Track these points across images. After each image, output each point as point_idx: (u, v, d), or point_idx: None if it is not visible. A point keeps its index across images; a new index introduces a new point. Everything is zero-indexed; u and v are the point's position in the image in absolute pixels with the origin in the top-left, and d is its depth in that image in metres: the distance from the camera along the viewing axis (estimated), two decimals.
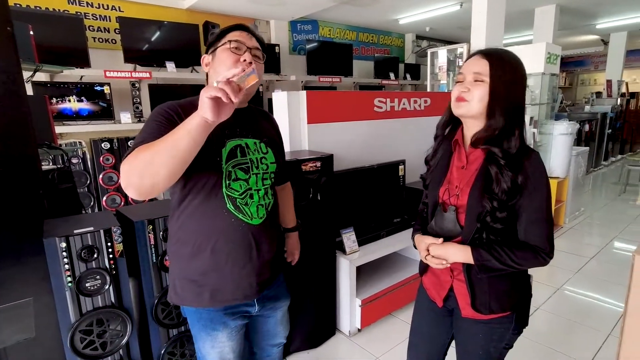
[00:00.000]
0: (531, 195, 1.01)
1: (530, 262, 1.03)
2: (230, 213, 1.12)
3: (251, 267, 1.17)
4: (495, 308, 1.10)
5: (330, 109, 2.51)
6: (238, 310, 1.22)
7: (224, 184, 1.11)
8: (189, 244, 1.14)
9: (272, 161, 1.23)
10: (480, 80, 1.03)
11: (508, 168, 1.00)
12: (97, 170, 3.78)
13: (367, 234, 2.55)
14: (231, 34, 1.15)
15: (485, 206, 1.03)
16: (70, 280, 1.38)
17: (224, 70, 1.06)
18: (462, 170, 1.12)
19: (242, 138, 1.17)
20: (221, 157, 1.10)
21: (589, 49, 10.20)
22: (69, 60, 3.52)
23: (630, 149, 8.80)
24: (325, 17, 6.30)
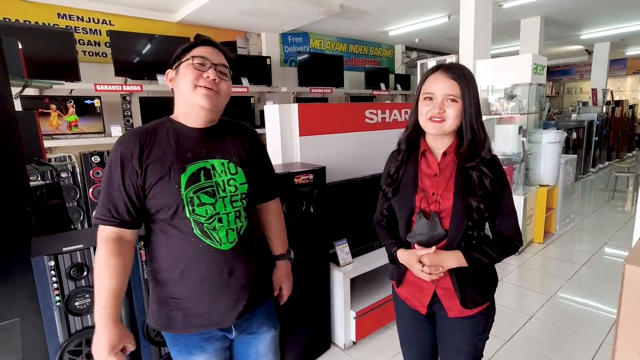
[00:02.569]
0: (502, 192, 1.16)
1: (509, 251, 1.18)
2: (198, 238, 1.09)
3: (224, 294, 1.13)
4: (479, 300, 1.21)
5: (321, 121, 2.52)
6: (214, 335, 1.18)
7: (188, 210, 1.07)
8: (159, 270, 1.13)
9: (242, 182, 1.16)
10: (454, 100, 1.11)
11: (487, 171, 1.13)
12: (87, 184, 3.73)
13: (361, 245, 2.54)
14: (196, 49, 1.11)
15: (472, 204, 1.12)
16: (59, 299, 1.35)
17: (186, 86, 1.07)
18: (436, 178, 1.19)
19: (206, 159, 1.12)
20: (179, 185, 1.06)
21: (574, 58, 10.45)
22: (59, 74, 3.51)
23: (617, 156, 8.96)
24: (315, 29, 6.37)
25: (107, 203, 1.05)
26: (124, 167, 1.04)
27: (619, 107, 8.68)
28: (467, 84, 1.11)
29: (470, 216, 1.13)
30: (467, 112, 1.12)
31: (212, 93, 1.08)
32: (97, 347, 1.01)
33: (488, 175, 1.13)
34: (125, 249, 1.07)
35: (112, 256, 1.04)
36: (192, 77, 1.07)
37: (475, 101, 1.12)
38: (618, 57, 10.71)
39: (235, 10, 4.49)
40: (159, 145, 1.08)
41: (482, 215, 1.14)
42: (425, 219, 1.18)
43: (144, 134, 1.08)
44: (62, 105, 3.61)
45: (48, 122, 3.54)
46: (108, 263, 1.03)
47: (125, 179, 1.04)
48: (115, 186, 1.04)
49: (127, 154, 1.05)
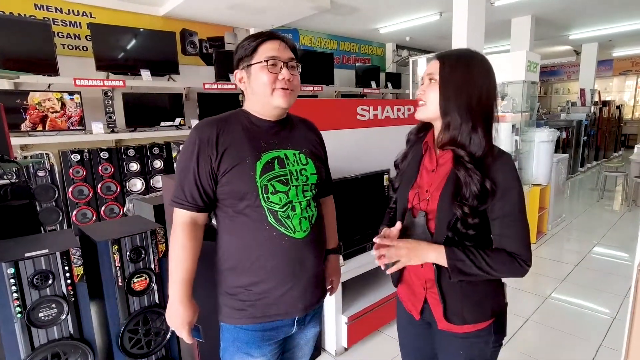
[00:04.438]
0: (503, 200, 0.97)
1: (507, 268, 0.97)
2: (272, 227, 1.09)
3: (295, 284, 1.13)
4: (469, 318, 1.05)
5: (312, 118, 2.37)
6: (277, 331, 1.16)
7: (262, 198, 1.08)
8: (229, 259, 1.12)
9: (312, 172, 1.18)
10: (433, 79, 1.02)
11: (476, 170, 0.96)
12: (67, 184, 3.56)
13: (352, 247, 2.44)
14: (265, 47, 1.09)
15: (456, 213, 0.97)
16: (20, 310, 1.22)
17: (263, 90, 1.09)
18: (432, 174, 1.07)
19: (279, 149, 1.13)
20: (254, 172, 1.07)
21: (562, 59, 10.53)
22: (35, 68, 3.33)
23: (604, 156, 9.05)
24: (306, 26, 6.26)
25: (183, 188, 1.07)
26: (200, 153, 1.05)
27: (606, 107, 8.76)
28: (452, 64, 1.00)
29: (453, 226, 0.99)
30: (444, 94, 0.99)
31: (289, 92, 1.11)
32: (174, 319, 1.09)
33: (475, 176, 0.95)
34: (199, 233, 1.12)
35: (188, 240, 1.08)
36: (269, 81, 1.08)
37: (460, 81, 0.98)
38: (605, 58, 10.84)
39: (223, 4, 4.35)
40: (234, 133, 1.09)
41: (470, 226, 0.97)
42: (412, 218, 1.08)
43: (220, 122, 1.10)
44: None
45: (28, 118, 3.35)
46: (186, 245, 1.08)
47: (201, 165, 1.06)
48: (191, 171, 1.06)
49: (204, 140, 1.06)
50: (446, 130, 1.01)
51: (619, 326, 2.45)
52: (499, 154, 0.99)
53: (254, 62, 1.09)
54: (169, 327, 1.52)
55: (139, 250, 1.48)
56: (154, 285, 1.54)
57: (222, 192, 1.08)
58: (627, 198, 5.51)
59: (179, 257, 1.07)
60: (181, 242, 1.07)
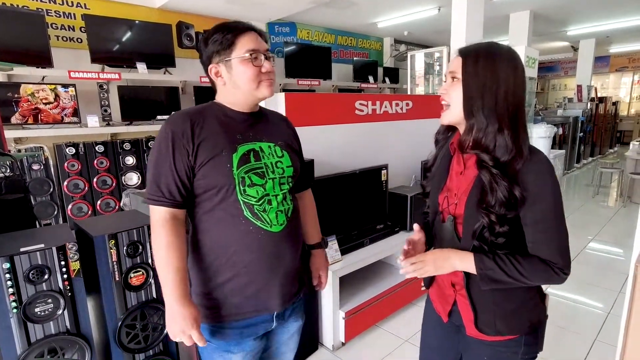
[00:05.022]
0: (534, 206, 0.89)
1: (540, 275, 0.91)
2: (248, 220, 1.07)
3: (273, 278, 1.12)
4: (502, 329, 0.99)
5: (310, 112, 2.40)
6: (256, 327, 1.14)
7: (239, 191, 1.06)
8: (205, 256, 1.10)
9: (288, 165, 1.17)
10: (456, 77, 0.95)
11: (503, 177, 0.89)
12: (62, 177, 3.52)
13: (350, 242, 2.44)
14: (244, 40, 1.06)
15: (482, 220, 0.91)
16: (16, 305, 1.21)
17: (248, 84, 1.07)
18: (461, 176, 1.02)
19: (255, 142, 1.12)
20: (232, 164, 1.05)
21: (560, 55, 10.54)
22: (28, 59, 3.28)
23: (600, 152, 9.10)
24: (303, 20, 6.21)
25: (158, 183, 1.03)
26: (175, 146, 1.02)
27: (602, 103, 8.79)
28: (474, 60, 0.91)
29: (479, 235, 0.93)
30: (467, 93, 0.91)
31: (272, 83, 1.11)
32: (179, 322, 1.02)
33: (502, 182, 0.88)
34: (182, 229, 1.07)
35: (173, 237, 1.03)
36: (254, 75, 1.07)
37: (485, 79, 0.90)
38: (602, 54, 10.85)
39: None
40: (208, 125, 1.07)
41: (498, 235, 0.91)
42: (441, 223, 1.04)
43: (194, 114, 1.08)
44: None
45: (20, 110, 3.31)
46: (171, 244, 1.03)
47: (177, 158, 1.03)
48: (166, 166, 1.03)
49: (178, 133, 1.03)
50: (469, 133, 0.94)
51: (614, 321, 2.48)
52: (530, 156, 0.91)
53: (234, 57, 1.06)
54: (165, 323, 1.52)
55: (136, 245, 1.47)
56: (151, 280, 1.52)
57: (199, 186, 1.06)
58: (622, 194, 5.55)
59: (166, 258, 1.02)
60: (165, 241, 1.02)
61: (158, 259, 1.04)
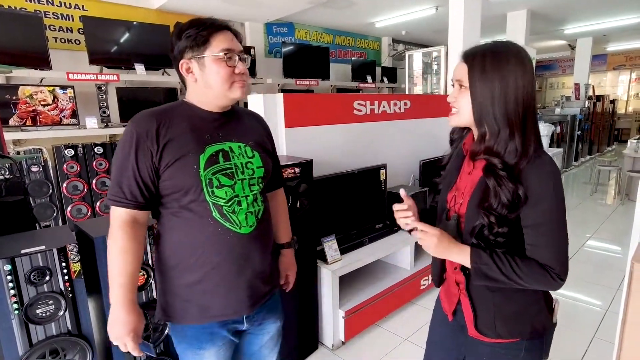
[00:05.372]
0: (535, 208, 0.88)
1: (537, 279, 0.89)
2: (217, 222, 1.05)
3: (242, 280, 1.10)
4: (503, 332, 0.98)
5: (308, 113, 2.41)
6: (226, 326, 1.14)
7: (207, 192, 1.04)
8: (173, 257, 1.08)
9: (258, 165, 1.14)
10: (463, 85, 0.93)
11: (509, 180, 0.87)
12: (61, 179, 3.53)
13: (349, 241, 2.45)
14: (218, 38, 1.04)
15: (482, 220, 0.91)
16: (17, 307, 1.22)
17: (220, 84, 1.04)
18: (469, 176, 1.02)
19: (224, 142, 1.09)
20: (198, 165, 1.03)
21: (557, 53, 10.56)
22: (26, 61, 3.28)
23: (598, 150, 9.12)
24: (301, 20, 6.22)
25: (120, 184, 1.01)
26: (139, 147, 1.00)
27: (600, 102, 8.82)
28: (481, 66, 0.89)
29: (478, 233, 0.93)
30: (477, 101, 0.90)
31: (245, 85, 1.10)
32: (116, 327, 1.02)
33: (507, 184, 0.87)
34: (140, 232, 1.05)
35: (129, 241, 1.02)
36: (227, 75, 1.05)
37: (494, 85, 0.88)
38: (599, 53, 10.88)
39: None
40: (175, 125, 1.04)
41: (498, 234, 0.90)
42: (446, 220, 1.04)
43: (160, 114, 1.05)
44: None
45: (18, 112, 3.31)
46: (126, 248, 1.01)
47: (140, 159, 1.00)
48: (129, 167, 1.00)
49: (142, 133, 1.00)
50: (481, 142, 0.92)
51: (612, 318, 2.49)
52: (535, 156, 0.89)
53: (207, 54, 1.03)
54: (167, 323, 1.53)
55: None
56: (151, 281, 1.53)
57: (165, 187, 1.03)
58: (620, 192, 5.56)
59: (119, 261, 1.01)
60: (120, 244, 1.01)
61: (112, 261, 1.02)
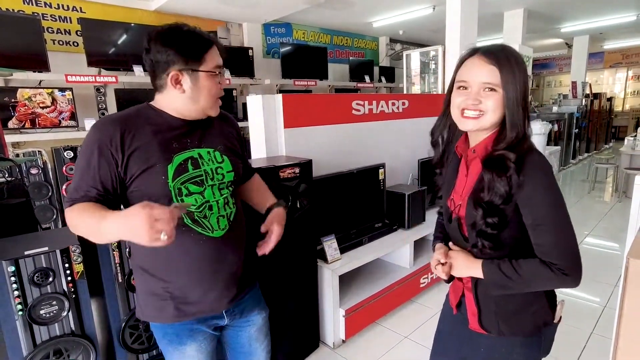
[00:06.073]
0: (531, 203, 0.89)
1: (543, 279, 0.90)
2: (189, 227, 1.05)
3: (216, 280, 1.12)
4: (505, 330, 1.01)
5: (307, 113, 2.42)
6: (206, 323, 1.16)
7: (176, 200, 1.03)
8: (147, 261, 1.08)
9: (228, 170, 1.14)
10: (493, 89, 0.91)
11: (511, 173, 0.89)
12: (60, 181, 3.53)
13: (349, 240, 2.47)
14: (212, 54, 1.04)
15: (478, 213, 0.93)
16: (21, 307, 1.23)
17: (207, 100, 1.05)
18: (465, 179, 1.03)
19: (192, 149, 1.07)
20: (167, 176, 1.01)
21: (554, 51, 10.60)
22: (25, 63, 3.28)
23: (595, 148, 9.16)
24: (299, 20, 6.23)
25: (78, 189, 0.97)
26: (101, 155, 0.96)
27: (597, 99, 8.85)
28: (511, 70, 0.89)
29: (478, 227, 0.94)
30: (512, 105, 0.89)
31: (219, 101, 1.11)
32: (135, 226, 0.82)
33: (504, 175, 0.88)
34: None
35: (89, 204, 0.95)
36: (216, 93, 1.07)
37: (522, 90, 0.90)
38: (596, 51, 10.93)
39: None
40: (141, 133, 1.01)
41: (491, 225, 0.91)
42: (449, 224, 1.07)
43: (124, 120, 1.01)
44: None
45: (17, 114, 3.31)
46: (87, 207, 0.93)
47: (102, 169, 0.96)
48: (90, 175, 0.96)
49: (105, 141, 0.96)
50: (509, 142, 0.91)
51: (610, 314, 2.52)
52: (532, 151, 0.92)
53: (202, 69, 1.02)
54: None
55: None
56: None
57: (134, 197, 1.01)
58: (617, 189, 5.59)
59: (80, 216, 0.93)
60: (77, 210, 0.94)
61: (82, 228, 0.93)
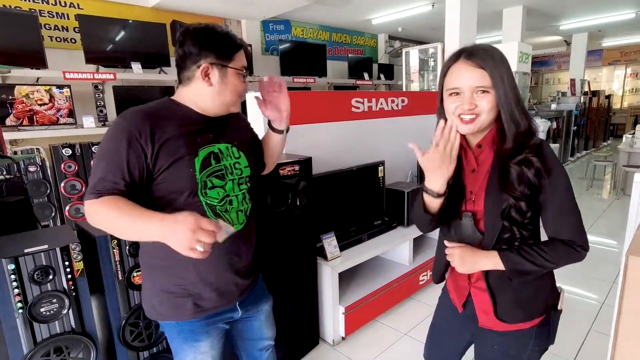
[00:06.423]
0: (555, 187, 0.94)
1: (564, 257, 0.96)
2: None
3: (233, 273, 1.16)
4: (522, 316, 1.04)
5: (307, 110, 2.42)
6: (220, 317, 1.19)
7: (201, 193, 1.07)
8: (166, 258, 1.08)
9: (245, 165, 1.18)
10: (485, 91, 0.93)
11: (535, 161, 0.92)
12: (59, 178, 3.52)
13: (348, 238, 2.47)
14: (240, 55, 1.10)
15: (509, 202, 0.94)
16: (22, 305, 1.22)
17: (232, 96, 1.10)
18: (474, 174, 1.03)
19: (214, 144, 1.12)
20: (194, 168, 1.05)
21: (553, 49, 10.60)
22: (22, 60, 3.27)
23: (593, 145, 9.18)
24: (297, 17, 6.21)
25: (105, 179, 0.95)
26: (130, 146, 0.96)
27: (595, 97, 8.86)
28: (497, 69, 0.92)
29: (508, 215, 0.95)
30: (505, 102, 0.92)
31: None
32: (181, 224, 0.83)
33: (533, 165, 0.92)
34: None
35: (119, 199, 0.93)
36: (242, 91, 1.11)
37: (511, 86, 0.93)
38: (595, 48, 10.94)
39: None
40: (168, 126, 1.03)
41: (523, 214, 0.95)
42: (458, 220, 1.06)
43: (152, 114, 1.03)
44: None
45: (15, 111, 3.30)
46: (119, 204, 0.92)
47: (131, 160, 0.97)
48: (118, 165, 0.96)
49: (134, 132, 0.97)
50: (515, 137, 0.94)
51: (608, 311, 2.53)
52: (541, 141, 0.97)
53: (231, 66, 1.07)
54: None
55: (138, 245, 1.48)
56: None
57: (158, 190, 1.02)
58: (615, 187, 5.61)
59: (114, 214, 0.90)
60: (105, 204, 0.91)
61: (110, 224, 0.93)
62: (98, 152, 0.99)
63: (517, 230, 0.97)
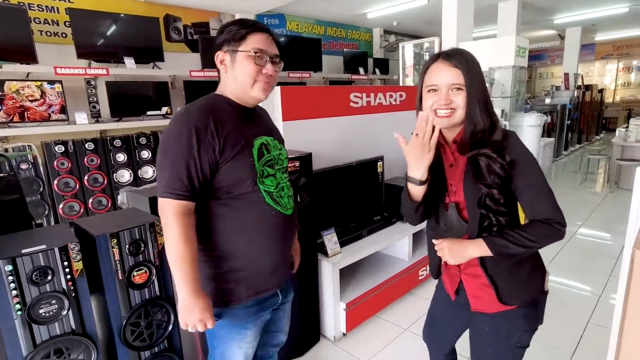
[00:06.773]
0: (524, 173, 1.02)
1: (546, 235, 1.02)
2: (271, 206, 1.15)
3: (283, 255, 1.24)
4: (524, 296, 1.11)
5: (305, 105, 2.39)
6: (267, 303, 1.25)
7: (259, 181, 1.13)
8: (227, 244, 1.14)
9: (285, 157, 1.27)
10: (460, 89, 1.04)
11: (497, 156, 1.01)
12: (52, 176, 3.46)
13: (348, 234, 2.46)
14: (254, 38, 1.11)
15: (483, 191, 1.03)
16: (20, 307, 1.19)
17: (245, 79, 1.10)
18: (452, 168, 1.13)
19: (262, 136, 1.18)
20: (253, 158, 1.11)
21: (547, 43, 10.64)
22: (11, 55, 3.19)
23: (586, 139, 9.26)
24: (292, 11, 6.15)
25: (181, 177, 1.03)
26: (200, 140, 1.03)
27: (589, 91, 8.92)
28: (470, 71, 1.03)
29: (484, 204, 1.03)
30: (472, 102, 1.03)
31: (269, 87, 1.15)
32: (194, 313, 1.05)
33: (497, 160, 1.01)
34: (193, 221, 1.08)
35: (188, 229, 1.05)
36: (253, 73, 1.10)
37: (480, 88, 1.04)
38: (588, 42, 10.99)
39: None
40: (225, 120, 1.09)
41: (496, 201, 1.03)
42: (445, 211, 1.14)
43: (212, 109, 1.08)
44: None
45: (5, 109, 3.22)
46: (187, 236, 1.04)
47: (202, 152, 1.03)
48: (189, 159, 1.02)
49: (201, 127, 1.03)
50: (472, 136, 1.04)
51: (605, 304, 2.55)
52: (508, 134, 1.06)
53: (241, 49, 1.10)
54: (170, 320, 1.54)
55: (138, 244, 1.46)
56: (154, 278, 1.52)
57: (219, 180, 1.08)
58: (609, 180, 5.67)
59: (181, 251, 1.04)
60: (184, 235, 1.04)
61: (172, 252, 1.04)
62: (165, 147, 1.05)
63: (494, 216, 1.04)
